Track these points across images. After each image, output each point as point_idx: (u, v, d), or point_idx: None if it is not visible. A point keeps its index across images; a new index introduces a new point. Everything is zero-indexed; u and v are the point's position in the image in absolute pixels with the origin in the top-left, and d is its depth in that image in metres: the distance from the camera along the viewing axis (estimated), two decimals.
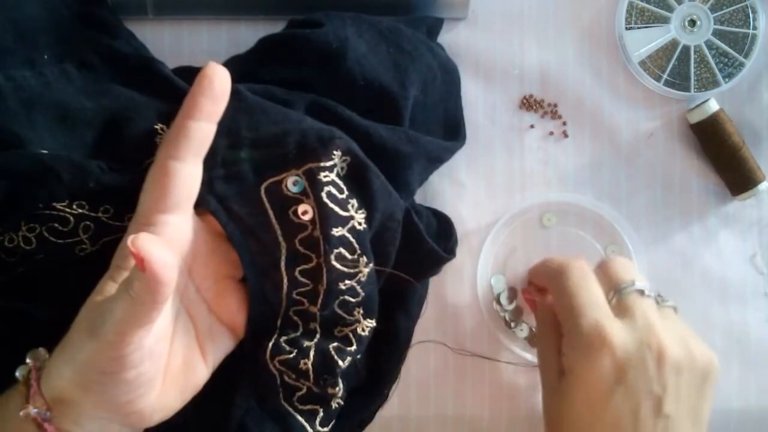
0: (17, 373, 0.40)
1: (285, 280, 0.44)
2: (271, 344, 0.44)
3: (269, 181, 0.43)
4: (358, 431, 0.51)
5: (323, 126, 0.44)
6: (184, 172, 0.41)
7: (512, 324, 0.55)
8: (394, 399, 0.54)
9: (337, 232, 0.43)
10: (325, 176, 0.43)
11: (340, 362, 0.44)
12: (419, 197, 0.55)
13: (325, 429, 0.45)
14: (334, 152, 0.43)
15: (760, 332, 0.57)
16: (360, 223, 0.44)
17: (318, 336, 0.45)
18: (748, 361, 0.57)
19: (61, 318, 0.40)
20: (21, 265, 0.44)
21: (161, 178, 0.41)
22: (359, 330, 0.45)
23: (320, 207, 0.43)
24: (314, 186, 0.43)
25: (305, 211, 0.43)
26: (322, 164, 0.43)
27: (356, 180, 0.45)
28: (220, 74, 0.42)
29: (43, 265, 0.44)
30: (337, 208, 0.43)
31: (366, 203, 0.45)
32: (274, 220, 0.44)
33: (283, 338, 0.44)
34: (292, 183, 0.43)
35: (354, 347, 0.45)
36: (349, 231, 0.44)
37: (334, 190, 0.43)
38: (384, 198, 0.46)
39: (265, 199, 0.43)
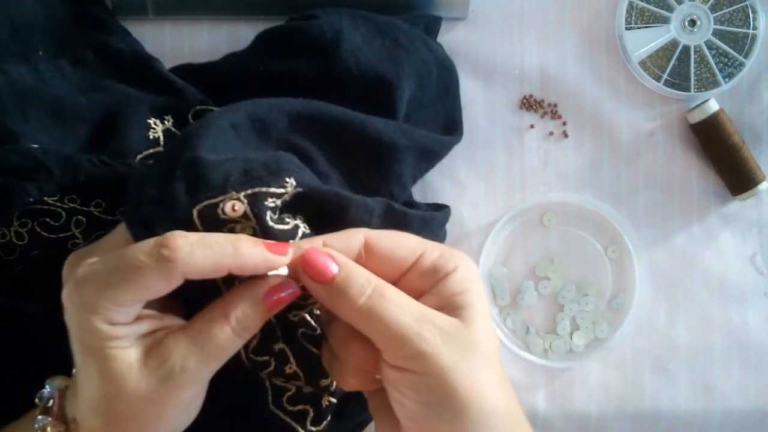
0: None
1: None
2: (245, 359, 0.42)
3: (204, 203, 0.38)
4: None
5: (270, 156, 0.41)
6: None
7: (506, 317, 0.56)
8: None
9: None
10: (271, 201, 0.39)
11: (314, 351, 0.43)
12: (419, 197, 0.55)
13: (318, 428, 0.45)
14: (287, 179, 0.40)
15: (760, 332, 0.57)
16: (306, 228, 0.41)
17: (279, 332, 0.42)
18: (748, 361, 0.57)
19: (55, 315, 0.40)
20: (19, 263, 0.44)
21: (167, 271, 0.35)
22: (315, 310, 0.42)
23: (264, 229, 0.39)
24: (259, 209, 0.38)
25: (244, 230, 0.39)
26: (272, 190, 0.39)
27: (306, 207, 0.42)
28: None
29: (39, 262, 0.44)
30: (280, 226, 0.40)
31: (315, 225, 0.42)
32: None
33: (251, 350, 0.42)
34: (230, 207, 0.38)
35: (318, 330, 0.43)
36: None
37: (278, 218, 0.40)
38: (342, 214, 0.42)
39: (197, 222, 0.38)
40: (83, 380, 0.37)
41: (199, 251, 0.34)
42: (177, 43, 0.54)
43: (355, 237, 0.38)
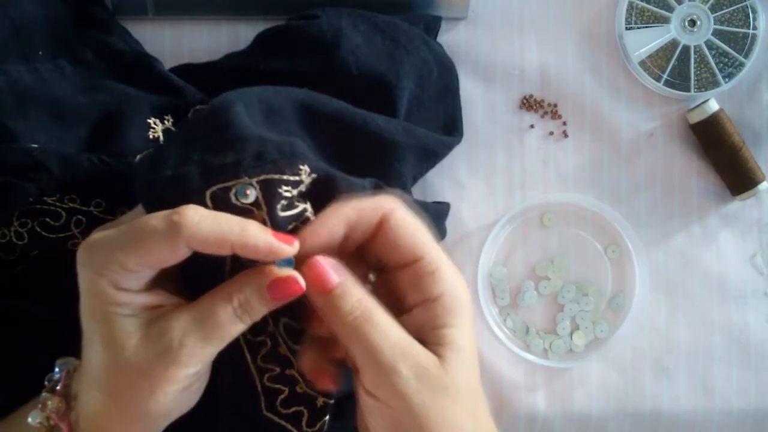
0: (32, 421, 0.39)
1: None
2: (243, 343, 0.42)
3: (217, 186, 0.38)
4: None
5: (284, 139, 0.41)
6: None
7: (507, 317, 0.56)
8: None
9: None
10: (286, 191, 0.39)
11: (294, 346, 0.42)
12: (419, 197, 0.55)
13: (313, 429, 0.44)
14: (301, 167, 0.40)
15: (760, 332, 0.57)
16: (312, 215, 0.41)
17: (270, 322, 0.42)
18: (748, 361, 0.57)
19: (55, 314, 0.40)
20: (19, 263, 0.44)
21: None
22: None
23: (273, 219, 0.39)
24: (271, 197, 0.38)
25: (254, 217, 0.38)
26: (285, 177, 0.39)
27: (320, 196, 0.41)
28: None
29: (39, 262, 0.44)
30: (289, 212, 0.40)
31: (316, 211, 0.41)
32: None
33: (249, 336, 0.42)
34: (243, 192, 0.38)
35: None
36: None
37: (288, 204, 0.40)
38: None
39: (210, 206, 0.38)
40: (87, 350, 0.37)
41: (206, 222, 0.35)
42: (177, 43, 0.54)
43: (374, 214, 0.38)
